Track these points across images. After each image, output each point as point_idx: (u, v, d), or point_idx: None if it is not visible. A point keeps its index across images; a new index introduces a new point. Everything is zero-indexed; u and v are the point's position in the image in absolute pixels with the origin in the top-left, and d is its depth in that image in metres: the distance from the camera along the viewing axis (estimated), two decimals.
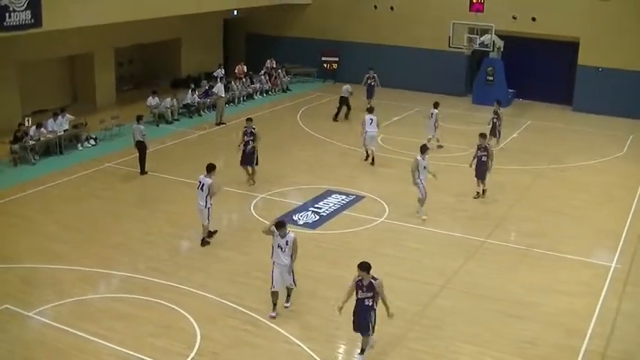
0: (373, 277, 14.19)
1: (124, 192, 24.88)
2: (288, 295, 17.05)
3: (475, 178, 24.64)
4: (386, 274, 18.75)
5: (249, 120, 25.90)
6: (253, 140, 25.28)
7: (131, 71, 41.73)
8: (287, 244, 16.36)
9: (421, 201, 22.61)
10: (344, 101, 35.87)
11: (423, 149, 22.65)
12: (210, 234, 20.75)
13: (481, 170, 24.46)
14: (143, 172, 26.31)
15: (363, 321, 14.46)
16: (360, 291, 14.32)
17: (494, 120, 30.64)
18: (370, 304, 14.33)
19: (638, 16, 36.15)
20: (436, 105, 31.07)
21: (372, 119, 28.64)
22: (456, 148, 30.74)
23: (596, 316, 17.06)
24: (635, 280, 19.05)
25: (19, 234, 21.08)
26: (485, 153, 24.26)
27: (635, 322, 17.04)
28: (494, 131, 30.61)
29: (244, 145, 25.31)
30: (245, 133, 25.38)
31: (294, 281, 16.81)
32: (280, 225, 16.43)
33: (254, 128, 25.41)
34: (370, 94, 37.62)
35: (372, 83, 37.92)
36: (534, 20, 38.46)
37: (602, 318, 16.97)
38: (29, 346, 15.18)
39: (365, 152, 29.02)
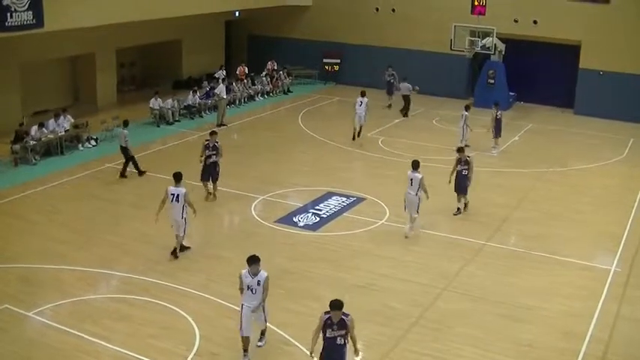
0: (344, 314, 12.79)
1: (124, 193, 24.90)
2: (262, 334, 15.40)
3: (455, 193, 23.71)
4: (386, 276, 18.93)
5: (213, 133, 24.39)
6: (216, 155, 23.85)
7: (132, 72, 41.76)
8: (259, 284, 14.30)
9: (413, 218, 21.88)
10: (405, 99, 37.29)
11: (415, 165, 21.56)
12: (183, 248, 20.01)
13: (462, 185, 23.53)
14: (140, 172, 26.41)
15: None
16: (329, 330, 12.83)
17: (495, 122, 30.82)
18: (343, 342, 12.93)
19: (639, 20, 36.14)
20: (467, 107, 31.38)
21: (361, 102, 31.87)
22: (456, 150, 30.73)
23: (595, 319, 17.05)
24: (634, 284, 19.03)
25: (19, 234, 21.09)
26: (466, 167, 23.30)
27: (634, 326, 17.03)
28: (496, 132, 31.08)
29: (206, 159, 23.79)
30: (207, 147, 23.72)
31: (265, 319, 14.96)
32: (253, 260, 14.26)
33: (217, 142, 23.97)
34: (390, 90, 39.24)
35: (392, 80, 39.24)
36: (536, 23, 38.46)
37: (601, 321, 16.96)
38: (29, 347, 15.18)
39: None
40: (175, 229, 19.58)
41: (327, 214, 23.23)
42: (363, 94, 32.35)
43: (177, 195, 19.15)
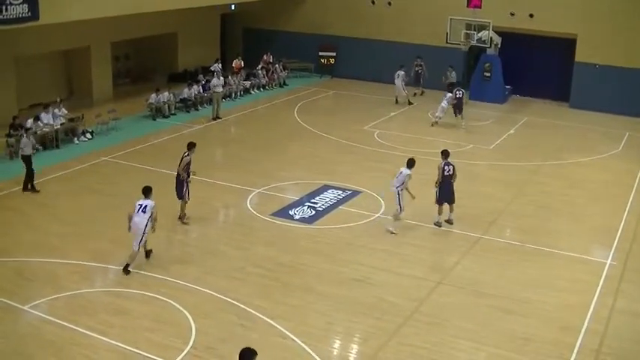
0: None
1: (119, 186, 24.82)
2: None
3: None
4: (382, 269, 18.94)
5: (194, 145, 21.97)
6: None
7: (128, 65, 41.64)
8: None
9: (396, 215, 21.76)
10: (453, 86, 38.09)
11: (411, 163, 21.47)
12: (127, 269, 18.39)
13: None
14: (26, 188, 24.11)
15: None
16: None
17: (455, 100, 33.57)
18: None
19: (635, 13, 36.17)
20: (450, 89, 34.19)
21: (398, 74, 37.63)
22: (452, 144, 30.74)
23: (590, 312, 17.09)
24: (630, 277, 19.08)
25: (14, 228, 21.06)
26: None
27: (629, 319, 17.08)
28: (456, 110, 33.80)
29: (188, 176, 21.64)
30: (190, 163, 21.58)
31: None
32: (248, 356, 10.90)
33: None
34: (417, 80, 40.40)
35: (420, 71, 40.32)
36: (532, 17, 38.42)
37: (596, 315, 17.01)
38: (24, 340, 15.18)
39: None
40: (133, 239, 18.42)
41: (323, 207, 23.23)
42: (400, 67, 37.59)
43: (146, 206, 18.33)
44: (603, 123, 35.77)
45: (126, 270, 18.30)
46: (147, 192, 18.77)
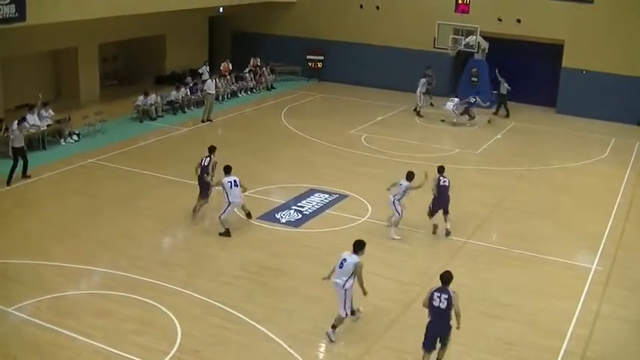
0: None
1: (106, 188, 24.75)
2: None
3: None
4: (367, 273, 18.78)
5: (215, 149, 22.77)
6: None
7: (115, 67, 41.54)
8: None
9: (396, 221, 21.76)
10: (502, 97, 38.00)
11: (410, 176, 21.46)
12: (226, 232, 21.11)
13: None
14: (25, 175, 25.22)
15: None
16: None
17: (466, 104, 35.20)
18: None
19: (623, 20, 36.35)
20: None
21: (422, 81, 36.97)
22: (439, 148, 30.84)
23: (575, 317, 17.15)
24: (615, 283, 19.16)
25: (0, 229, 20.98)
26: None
27: (614, 324, 17.14)
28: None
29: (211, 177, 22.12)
30: (213, 167, 22.20)
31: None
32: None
33: None
34: (427, 91, 39.60)
35: (430, 81, 39.57)
36: (519, 22, 38.58)
37: (581, 320, 17.06)
38: (9, 343, 15.09)
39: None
40: (236, 209, 21.60)
41: (310, 210, 23.22)
42: (423, 75, 37.55)
43: (235, 180, 20.90)
44: (590, 129, 35.94)
45: (249, 216, 22.18)
46: (228, 170, 21.15)
